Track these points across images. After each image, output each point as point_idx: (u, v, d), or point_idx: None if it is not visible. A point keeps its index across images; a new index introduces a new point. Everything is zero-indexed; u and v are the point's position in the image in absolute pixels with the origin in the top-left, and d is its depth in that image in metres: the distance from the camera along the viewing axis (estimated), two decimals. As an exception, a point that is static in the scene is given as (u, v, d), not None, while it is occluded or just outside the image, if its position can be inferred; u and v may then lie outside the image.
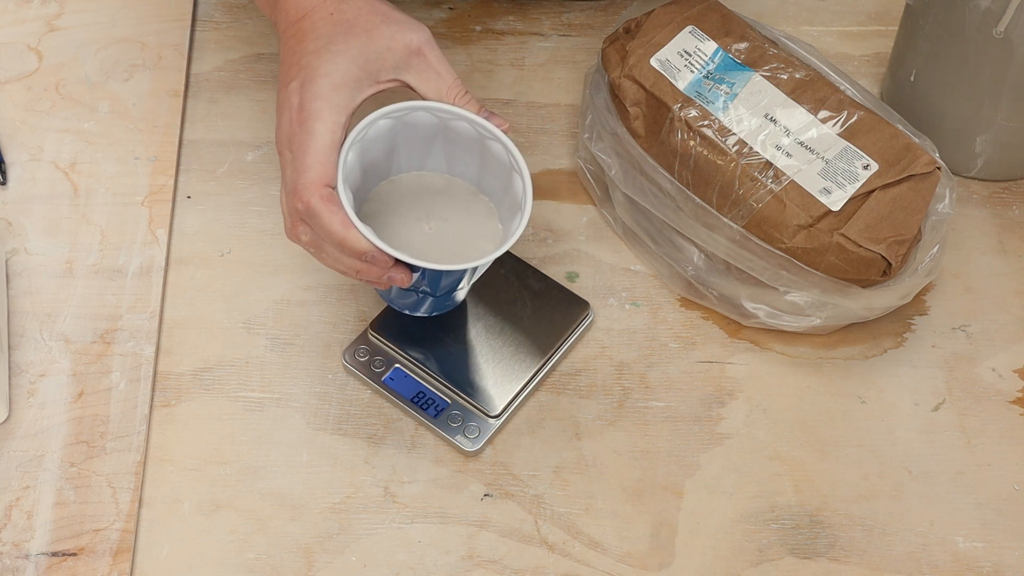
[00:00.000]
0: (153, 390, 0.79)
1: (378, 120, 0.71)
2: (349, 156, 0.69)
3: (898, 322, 0.83)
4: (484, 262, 0.70)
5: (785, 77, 0.82)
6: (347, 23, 0.69)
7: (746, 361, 0.82)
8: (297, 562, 0.73)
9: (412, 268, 0.69)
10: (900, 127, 0.81)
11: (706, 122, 0.80)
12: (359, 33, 0.69)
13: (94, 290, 0.83)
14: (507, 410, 0.78)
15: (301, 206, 0.67)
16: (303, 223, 0.68)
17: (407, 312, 0.79)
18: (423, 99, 0.72)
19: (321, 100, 0.67)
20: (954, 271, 0.86)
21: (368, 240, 0.67)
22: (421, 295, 0.75)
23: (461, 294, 0.79)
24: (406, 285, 0.70)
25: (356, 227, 0.67)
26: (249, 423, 0.78)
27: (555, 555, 0.74)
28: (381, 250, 0.67)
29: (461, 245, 0.74)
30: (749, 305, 0.81)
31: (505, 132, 0.72)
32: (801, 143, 0.79)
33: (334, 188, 0.67)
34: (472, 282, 0.77)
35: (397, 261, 0.68)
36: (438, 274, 0.71)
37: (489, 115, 0.72)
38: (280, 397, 0.79)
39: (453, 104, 0.71)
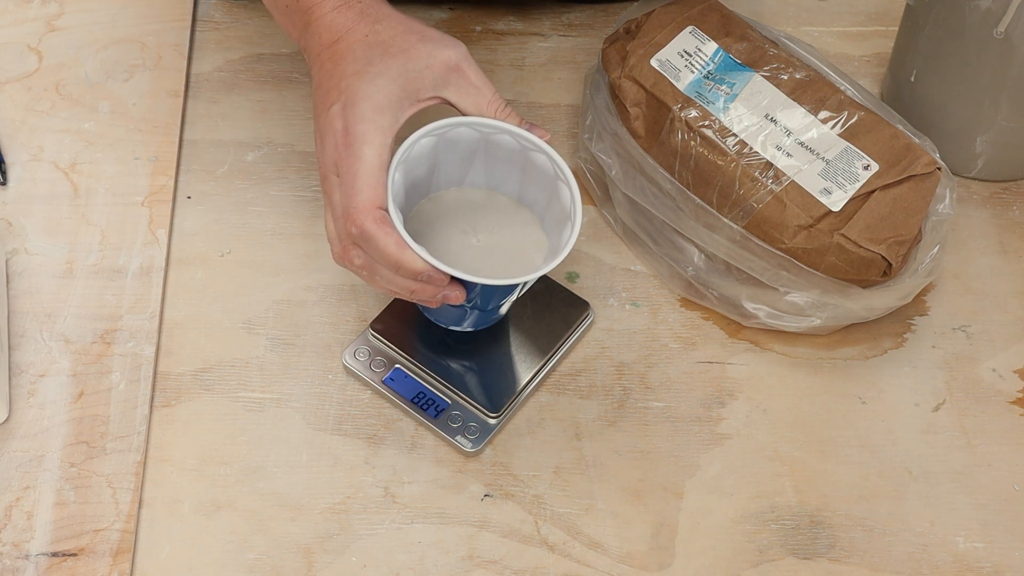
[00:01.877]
0: (153, 390, 0.79)
1: (421, 139, 0.71)
2: (396, 176, 0.69)
3: (898, 322, 0.83)
4: (538, 275, 0.70)
5: (785, 77, 0.82)
6: (383, 44, 0.69)
7: (746, 361, 0.82)
8: (297, 562, 0.73)
9: (467, 285, 0.69)
10: (900, 127, 0.81)
11: (706, 122, 0.80)
12: (396, 53, 0.69)
13: (94, 290, 0.83)
14: (507, 410, 0.78)
15: (355, 230, 0.67)
16: (356, 247, 0.68)
17: (451, 327, 0.79)
18: (463, 115, 0.71)
19: (366, 122, 0.67)
20: (954, 271, 0.86)
21: (424, 260, 0.66)
22: (470, 310, 0.75)
23: (506, 307, 0.79)
24: (460, 302, 0.69)
25: (411, 248, 0.66)
26: (249, 423, 0.78)
27: (555, 555, 0.74)
28: (437, 269, 0.67)
29: (510, 257, 0.74)
30: (749, 305, 0.81)
31: (547, 143, 0.72)
32: (801, 143, 0.79)
33: (385, 210, 0.67)
34: (520, 295, 0.77)
35: (452, 279, 0.68)
36: (492, 289, 0.71)
37: (531, 127, 0.72)
38: (280, 397, 0.79)
39: (494, 118, 0.71)
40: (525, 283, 0.72)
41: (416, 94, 0.69)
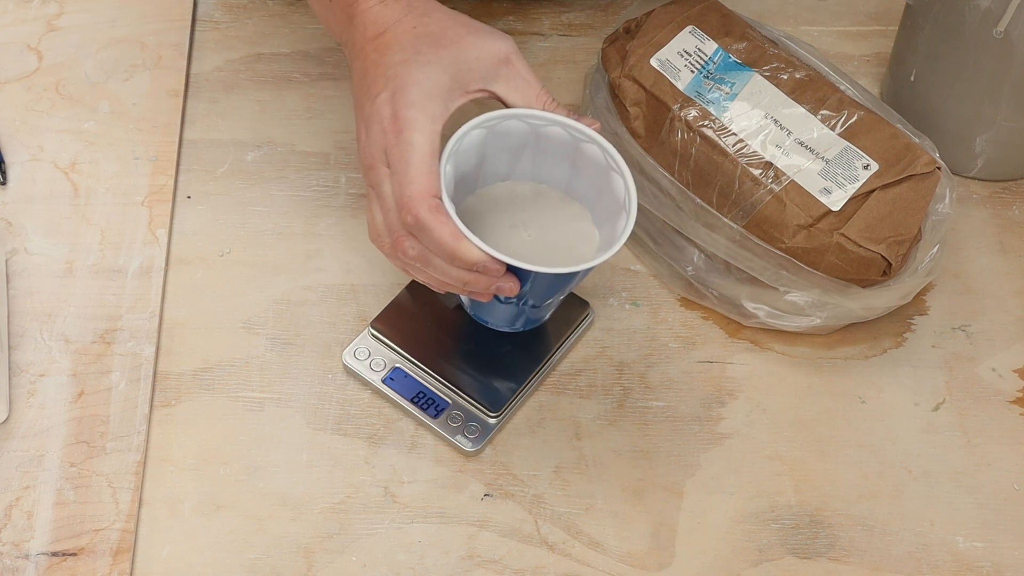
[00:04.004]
0: (153, 390, 0.79)
1: (472, 131, 0.69)
2: (447, 168, 0.67)
3: (898, 322, 0.83)
4: (595, 264, 0.68)
5: (785, 77, 0.82)
6: (432, 35, 0.68)
7: (746, 361, 0.82)
8: (297, 562, 0.73)
9: (521, 276, 0.67)
10: (900, 127, 0.81)
11: (706, 122, 0.80)
12: (446, 44, 0.68)
13: (94, 290, 0.83)
14: (507, 410, 0.78)
15: (410, 219, 0.65)
16: (410, 237, 0.67)
17: (495, 327, 0.78)
18: (510, 108, 0.70)
19: (416, 108, 0.66)
20: (954, 271, 0.86)
21: (480, 250, 0.65)
22: (519, 307, 0.74)
23: (554, 306, 0.78)
24: (514, 294, 0.68)
25: (467, 237, 0.65)
26: (249, 423, 0.78)
27: (555, 555, 0.74)
28: (494, 259, 0.65)
29: (561, 251, 0.73)
30: (749, 305, 0.81)
31: (597, 131, 0.71)
32: (801, 143, 0.79)
33: (439, 199, 0.66)
34: (569, 291, 0.75)
35: (508, 270, 0.66)
36: (546, 281, 0.69)
37: (579, 118, 0.71)
38: (280, 397, 0.79)
39: (544, 109, 0.70)
40: (578, 275, 0.70)
41: (465, 85, 0.68)
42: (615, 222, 0.70)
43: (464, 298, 0.77)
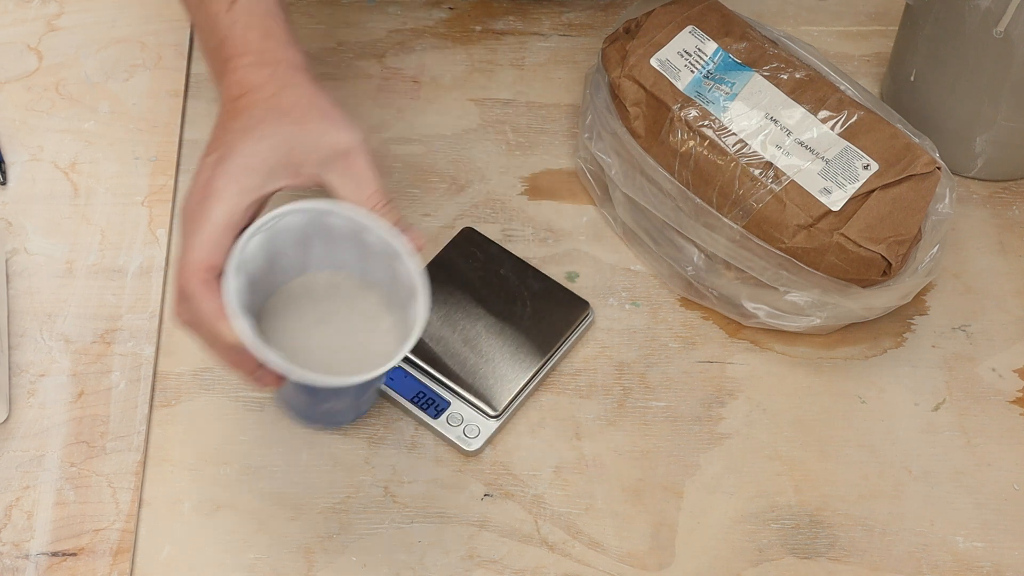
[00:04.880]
0: (153, 390, 0.79)
1: (252, 238, 0.66)
2: (251, 243, 0.65)
3: (898, 322, 0.83)
4: (369, 377, 0.64)
5: (785, 77, 0.82)
6: (282, 110, 0.67)
7: (746, 361, 0.82)
8: (297, 562, 0.73)
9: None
10: (900, 127, 0.81)
11: (706, 122, 0.80)
12: (291, 123, 0.67)
13: (94, 290, 0.83)
14: (507, 410, 0.78)
15: (180, 286, 0.65)
16: (183, 303, 0.66)
17: (301, 422, 0.77)
18: (338, 200, 0.68)
19: (228, 179, 0.65)
20: (954, 271, 0.86)
21: (236, 336, 0.63)
22: (313, 405, 0.72)
23: (365, 405, 0.76)
24: (275, 387, 0.67)
25: (229, 319, 0.63)
26: (249, 423, 0.78)
27: (555, 555, 0.74)
28: (246, 348, 0.63)
29: (361, 348, 0.69)
30: (749, 305, 0.81)
31: (419, 250, 0.67)
32: (801, 143, 0.79)
33: (216, 274, 0.64)
34: (377, 390, 0.73)
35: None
36: (310, 387, 0.66)
37: (407, 228, 0.68)
38: (280, 397, 0.79)
39: (372, 212, 0.67)
40: (345, 387, 0.66)
41: (297, 168, 0.67)
42: (407, 310, 0.67)
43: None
